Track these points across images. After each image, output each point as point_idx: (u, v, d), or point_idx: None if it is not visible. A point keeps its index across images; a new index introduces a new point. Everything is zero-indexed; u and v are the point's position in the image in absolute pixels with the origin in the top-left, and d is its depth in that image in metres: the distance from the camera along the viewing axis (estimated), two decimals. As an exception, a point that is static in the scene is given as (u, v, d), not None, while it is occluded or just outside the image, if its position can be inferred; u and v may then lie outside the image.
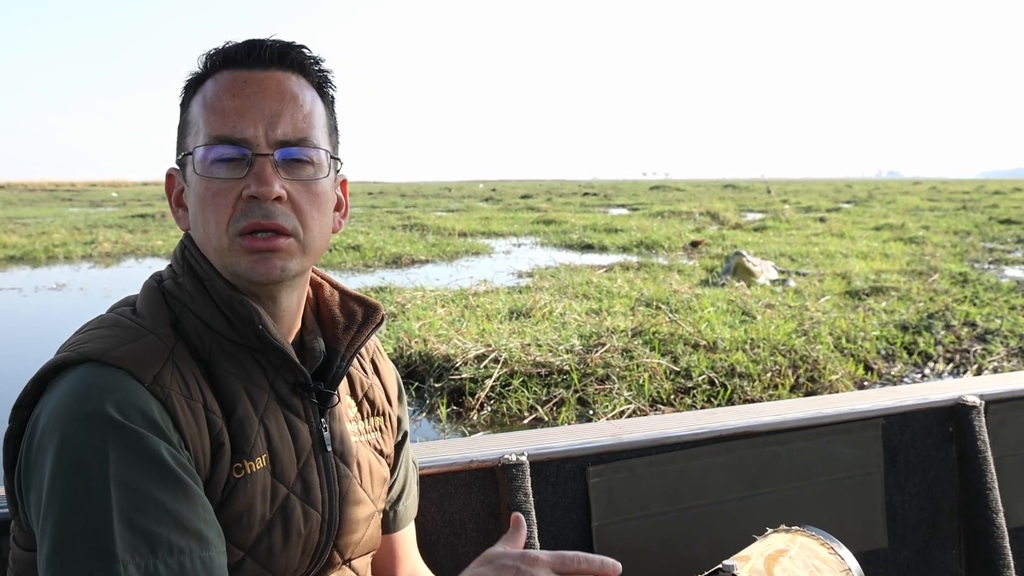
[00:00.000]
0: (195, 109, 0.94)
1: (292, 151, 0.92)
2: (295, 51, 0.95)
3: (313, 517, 0.96)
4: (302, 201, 0.93)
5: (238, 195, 0.90)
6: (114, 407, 0.80)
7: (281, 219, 0.91)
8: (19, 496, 0.86)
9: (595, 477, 1.56)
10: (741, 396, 5.59)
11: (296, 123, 0.93)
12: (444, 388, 5.61)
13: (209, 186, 0.91)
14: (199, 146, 0.91)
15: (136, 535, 0.77)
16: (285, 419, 0.95)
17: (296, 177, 0.93)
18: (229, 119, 0.91)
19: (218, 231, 0.91)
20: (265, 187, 0.89)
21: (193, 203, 0.94)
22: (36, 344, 6.98)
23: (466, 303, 8.19)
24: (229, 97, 0.91)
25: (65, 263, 13.94)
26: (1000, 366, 6.46)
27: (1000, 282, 10.37)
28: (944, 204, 32.55)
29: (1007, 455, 1.92)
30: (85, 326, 0.92)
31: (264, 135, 0.91)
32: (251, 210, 0.90)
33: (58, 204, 38.27)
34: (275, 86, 0.93)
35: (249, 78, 0.92)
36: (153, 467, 0.80)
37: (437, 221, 21.52)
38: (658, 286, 9.38)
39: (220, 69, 0.94)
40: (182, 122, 0.97)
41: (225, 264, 0.92)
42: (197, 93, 0.95)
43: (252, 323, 0.91)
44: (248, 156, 0.90)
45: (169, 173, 1.00)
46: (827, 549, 1.29)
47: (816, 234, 17.45)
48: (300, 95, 0.94)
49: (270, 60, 0.93)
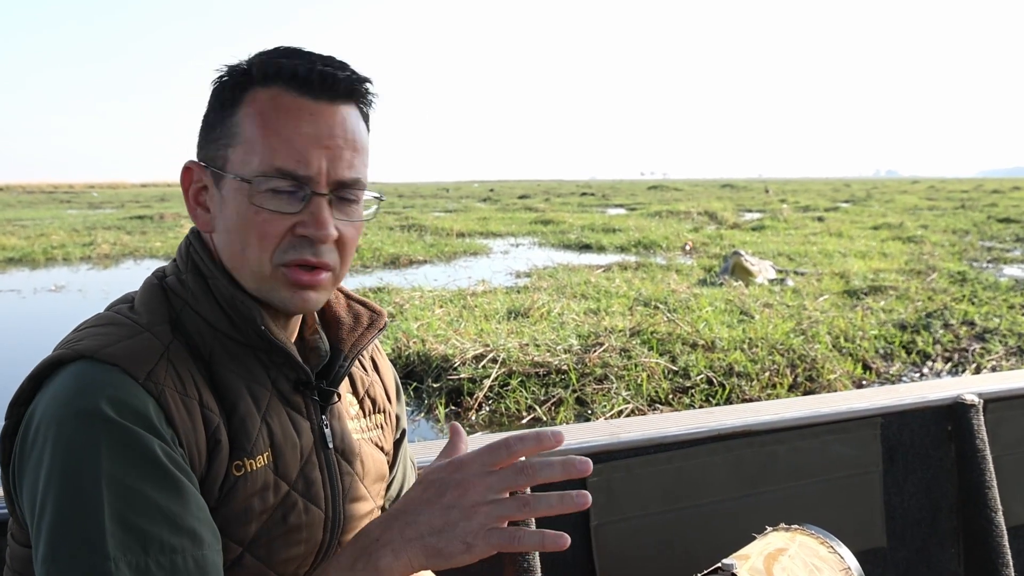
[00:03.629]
0: (247, 123, 0.90)
1: (347, 193, 0.92)
2: (365, 86, 0.93)
3: (315, 514, 0.95)
4: (347, 239, 0.93)
5: (289, 228, 0.89)
6: (107, 404, 0.80)
7: (328, 257, 0.91)
8: (14, 493, 0.86)
9: (594, 477, 1.56)
10: (739, 395, 5.59)
11: (353, 163, 0.91)
12: (442, 388, 5.61)
13: (259, 214, 0.89)
14: (257, 174, 0.88)
15: (128, 533, 0.76)
16: (288, 417, 0.95)
17: (345, 216, 0.92)
18: (295, 152, 0.88)
19: (260, 258, 0.90)
20: (324, 231, 0.89)
21: (232, 221, 0.91)
22: (35, 346, 6.95)
23: (464, 303, 8.19)
24: (295, 127, 0.88)
25: (64, 265, 13.92)
26: (998, 365, 6.47)
27: (999, 281, 10.39)
28: (942, 203, 32.59)
29: (1006, 454, 1.92)
30: (82, 324, 0.92)
31: (325, 174, 0.89)
32: (301, 246, 0.90)
33: (56, 206, 38.23)
34: (340, 122, 0.90)
35: (316, 110, 0.89)
36: (146, 465, 0.80)
37: (435, 221, 21.51)
38: (656, 286, 9.39)
39: (280, 85, 0.90)
40: (220, 124, 0.92)
41: (261, 288, 0.91)
42: (247, 101, 0.90)
43: (255, 322, 0.91)
44: (306, 192, 0.89)
45: (188, 167, 0.95)
46: (826, 548, 1.29)
47: (814, 233, 17.47)
48: (358, 132, 0.93)
49: (342, 94, 0.91)
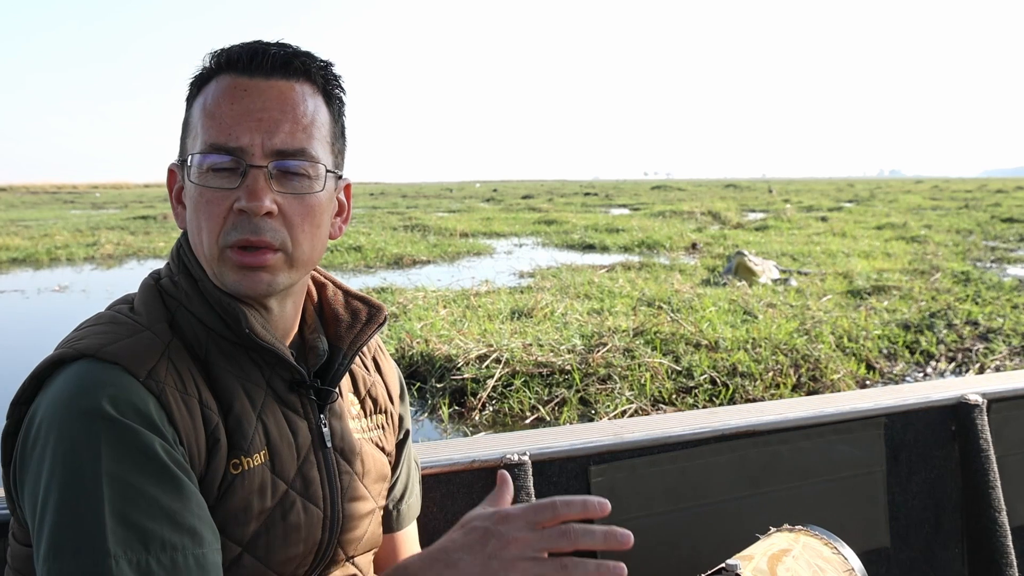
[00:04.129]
0: (196, 112, 0.93)
1: (287, 163, 0.90)
2: (299, 58, 0.93)
3: (314, 513, 0.96)
4: (294, 215, 0.91)
5: (230, 206, 0.89)
6: (109, 402, 0.80)
7: (269, 235, 0.89)
8: (15, 492, 0.86)
9: (597, 477, 1.56)
10: (743, 395, 5.58)
11: (295, 134, 0.91)
12: (446, 388, 5.61)
13: (203, 194, 0.90)
14: (196, 152, 0.90)
15: (129, 531, 0.77)
16: (284, 416, 0.95)
17: (290, 190, 0.91)
18: (225, 127, 0.89)
19: (209, 241, 0.90)
20: (255, 202, 0.88)
21: (189, 208, 0.93)
22: (39, 347, 6.96)
23: (468, 303, 8.19)
24: (228, 104, 0.90)
25: (67, 265, 13.95)
26: (1002, 365, 6.45)
27: (1002, 281, 10.35)
28: (946, 203, 32.50)
29: (1010, 454, 1.92)
30: (82, 323, 0.92)
31: (260, 145, 0.89)
32: (241, 224, 0.89)
33: (60, 206, 38.31)
34: (275, 95, 0.91)
35: (249, 86, 0.91)
36: (147, 463, 0.80)
37: (438, 221, 21.51)
38: (660, 286, 9.37)
39: (223, 72, 0.92)
40: (185, 121, 0.96)
41: (215, 273, 0.92)
42: (200, 94, 0.94)
43: (239, 324, 0.91)
44: (242, 166, 0.89)
45: (171, 169, 0.98)
46: (830, 548, 1.29)
47: (818, 233, 17.43)
48: (301, 104, 0.92)
49: (272, 68, 0.92)
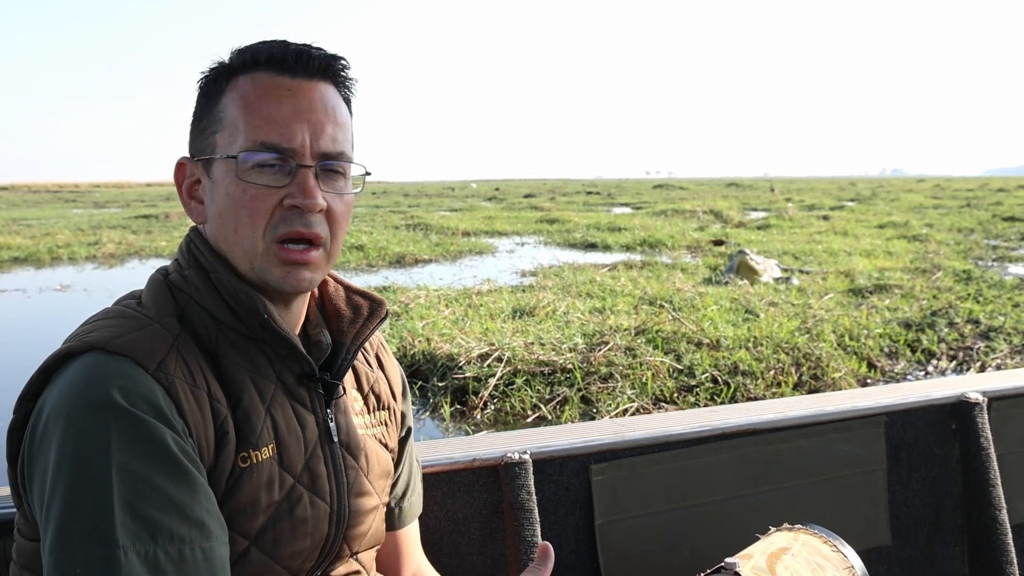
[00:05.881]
0: (230, 108, 0.93)
1: (332, 164, 0.95)
2: (339, 63, 0.97)
3: (320, 508, 0.96)
4: (336, 213, 0.96)
5: (278, 202, 0.92)
6: (118, 393, 0.80)
7: (319, 228, 0.93)
8: (22, 486, 0.86)
9: (598, 475, 1.57)
10: (744, 394, 5.58)
11: (336, 136, 0.94)
12: (448, 387, 5.62)
13: (247, 190, 0.91)
14: (243, 150, 0.91)
15: (137, 522, 0.77)
16: (292, 409, 0.96)
17: (333, 189, 0.95)
18: (276, 126, 0.91)
19: (253, 236, 0.92)
20: (311, 199, 0.91)
21: (223, 203, 0.93)
22: (40, 346, 6.97)
23: (469, 302, 8.19)
24: (275, 103, 0.92)
25: (69, 264, 13.96)
26: (1003, 363, 6.45)
27: (1004, 279, 10.35)
28: (948, 202, 32.47)
29: (1010, 452, 1.92)
30: (90, 318, 0.93)
31: (309, 146, 0.92)
32: (292, 219, 0.92)
33: (61, 205, 38.33)
34: (319, 97, 0.94)
35: (293, 86, 0.93)
36: (157, 454, 0.80)
37: (440, 220, 21.51)
38: (661, 285, 9.38)
39: (259, 70, 0.93)
40: (207, 114, 0.95)
41: (255, 268, 0.93)
42: (230, 89, 0.94)
43: (258, 313, 0.92)
44: (291, 165, 0.92)
45: (181, 162, 0.98)
46: (830, 547, 1.29)
47: (819, 232, 17.42)
48: (338, 108, 0.96)
49: (316, 70, 0.95)
